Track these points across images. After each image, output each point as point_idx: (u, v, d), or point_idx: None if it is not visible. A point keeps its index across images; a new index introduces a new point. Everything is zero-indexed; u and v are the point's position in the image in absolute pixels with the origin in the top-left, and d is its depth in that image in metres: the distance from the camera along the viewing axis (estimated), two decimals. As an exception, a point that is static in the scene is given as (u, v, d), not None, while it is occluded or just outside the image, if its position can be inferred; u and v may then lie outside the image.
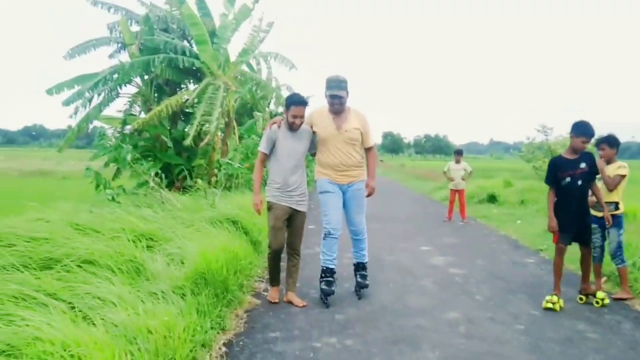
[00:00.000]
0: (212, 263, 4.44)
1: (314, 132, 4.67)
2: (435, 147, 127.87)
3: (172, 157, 10.57)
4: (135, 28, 11.54)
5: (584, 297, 4.76)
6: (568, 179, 4.58)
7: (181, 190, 9.78)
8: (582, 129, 4.55)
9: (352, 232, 4.88)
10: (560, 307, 4.53)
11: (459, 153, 10.81)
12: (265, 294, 4.89)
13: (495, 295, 4.99)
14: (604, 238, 5.01)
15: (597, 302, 4.65)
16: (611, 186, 4.91)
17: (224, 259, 4.63)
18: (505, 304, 4.70)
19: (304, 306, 4.50)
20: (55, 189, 14.56)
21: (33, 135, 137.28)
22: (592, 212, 4.87)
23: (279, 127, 4.52)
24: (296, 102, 4.41)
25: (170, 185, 9.99)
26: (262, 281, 5.38)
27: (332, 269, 4.69)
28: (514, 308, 4.59)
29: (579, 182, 4.58)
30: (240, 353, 3.51)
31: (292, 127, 4.47)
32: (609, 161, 5.00)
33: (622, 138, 5.32)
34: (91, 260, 4.24)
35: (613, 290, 5.11)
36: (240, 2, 12.02)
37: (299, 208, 4.59)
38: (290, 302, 4.59)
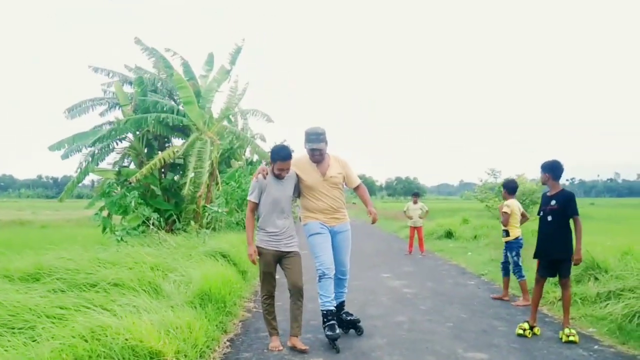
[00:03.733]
0: (212, 285, 5.71)
1: (298, 179, 4.82)
2: (406, 189, 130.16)
3: (162, 203, 11.82)
4: (127, 89, 12.95)
5: (563, 335, 4.72)
6: (541, 213, 4.93)
7: (171, 232, 10.98)
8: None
9: (339, 272, 4.96)
10: (531, 334, 4.85)
11: (416, 195, 12.35)
12: (255, 310, 6.12)
13: (436, 306, 6.35)
14: (506, 257, 6.55)
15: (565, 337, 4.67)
16: (504, 222, 6.59)
17: (221, 282, 5.91)
18: (442, 311, 6.06)
19: (305, 350, 4.55)
20: (40, 237, 15.31)
21: (1, 186, 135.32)
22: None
23: (265, 176, 4.69)
24: (282, 157, 4.54)
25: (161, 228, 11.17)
26: (251, 301, 6.62)
27: (332, 310, 4.79)
28: (448, 313, 5.94)
29: (549, 218, 4.81)
30: (240, 345, 4.77)
31: (279, 177, 4.67)
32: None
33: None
34: (119, 284, 5.48)
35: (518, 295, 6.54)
36: (219, 64, 13.64)
37: (288, 249, 4.66)
38: (294, 347, 4.61)
